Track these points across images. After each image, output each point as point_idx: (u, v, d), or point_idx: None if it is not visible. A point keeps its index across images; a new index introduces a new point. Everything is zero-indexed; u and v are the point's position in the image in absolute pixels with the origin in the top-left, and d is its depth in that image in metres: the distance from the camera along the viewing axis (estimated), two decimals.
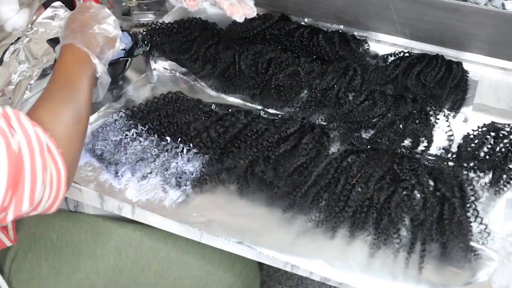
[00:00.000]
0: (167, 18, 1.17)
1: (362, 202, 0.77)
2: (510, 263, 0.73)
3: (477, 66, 1.10)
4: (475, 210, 0.77)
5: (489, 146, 0.88)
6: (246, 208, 0.79)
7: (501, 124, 0.92)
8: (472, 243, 0.73)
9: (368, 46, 1.13)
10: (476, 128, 0.91)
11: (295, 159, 0.83)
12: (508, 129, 0.91)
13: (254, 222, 0.77)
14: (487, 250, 0.73)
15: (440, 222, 0.75)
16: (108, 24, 0.85)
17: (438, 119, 0.95)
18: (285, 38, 1.11)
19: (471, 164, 0.85)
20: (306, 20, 1.20)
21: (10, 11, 1.10)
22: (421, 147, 0.89)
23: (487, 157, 0.87)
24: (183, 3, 0.87)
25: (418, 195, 0.79)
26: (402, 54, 1.10)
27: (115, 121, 0.90)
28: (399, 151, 0.87)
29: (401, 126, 0.92)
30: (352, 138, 0.89)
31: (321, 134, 0.89)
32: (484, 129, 0.91)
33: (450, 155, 0.87)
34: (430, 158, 0.86)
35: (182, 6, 0.89)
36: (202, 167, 0.83)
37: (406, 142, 0.90)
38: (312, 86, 1.00)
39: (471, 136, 0.90)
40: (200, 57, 1.07)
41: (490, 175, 0.84)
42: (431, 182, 0.81)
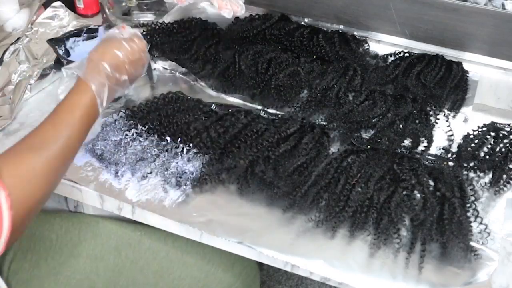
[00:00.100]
0: (167, 18, 1.17)
1: (362, 202, 0.77)
2: (510, 263, 0.73)
3: (477, 66, 1.10)
4: (475, 210, 0.77)
5: (489, 146, 0.88)
6: (246, 208, 0.79)
7: (501, 124, 0.92)
8: (472, 243, 0.73)
9: (368, 46, 1.13)
10: (476, 128, 0.91)
11: (295, 159, 0.83)
12: (508, 129, 0.91)
13: (254, 222, 0.77)
14: (487, 250, 0.73)
15: (440, 222, 0.75)
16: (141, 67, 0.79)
17: (438, 119, 0.95)
18: (285, 38, 1.11)
19: (471, 164, 0.85)
20: (306, 20, 1.20)
21: (10, 11, 1.10)
22: (421, 147, 0.89)
23: (487, 157, 0.87)
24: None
25: (418, 195, 0.79)
26: (402, 54, 1.10)
27: (115, 121, 0.90)
28: (399, 151, 0.87)
29: (401, 126, 0.92)
30: (352, 138, 0.89)
31: (321, 134, 0.89)
32: (484, 129, 0.91)
33: (450, 155, 0.87)
34: (430, 158, 0.86)
35: (173, 2, 0.87)
36: (202, 167, 0.83)
37: (406, 142, 0.90)
38: (312, 86, 1.00)
39: (471, 136, 0.90)
40: (200, 57, 1.07)
41: (490, 175, 0.84)
42: (431, 182, 0.81)
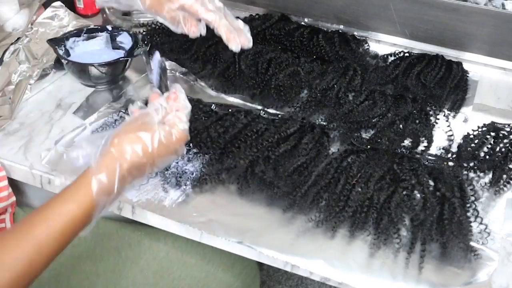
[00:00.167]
0: None
1: (362, 202, 0.77)
2: (510, 263, 0.73)
3: (477, 66, 1.10)
4: (475, 210, 0.77)
5: (489, 146, 0.88)
6: (246, 208, 0.79)
7: (501, 124, 0.92)
8: (472, 243, 0.73)
9: (368, 46, 1.13)
10: (476, 128, 0.91)
11: (295, 159, 0.83)
12: (508, 129, 0.91)
13: (254, 222, 0.77)
14: (487, 250, 0.73)
15: (440, 222, 0.75)
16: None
17: (438, 119, 0.95)
18: (285, 38, 1.11)
19: (471, 164, 0.85)
20: (306, 20, 1.20)
21: (10, 11, 1.09)
22: (421, 147, 0.89)
23: (487, 157, 0.87)
24: (184, 29, 0.86)
25: (418, 195, 0.79)
26: (402, 54, 1.10)
27: (115, 121, 0.90)
28: (399, 151, 0.87)
29: (401, 126, 0.92)
30: (352, 138, 0.89)
31: (321, 134, 0.89)
32: (484, 129, 0.91)
33: (450, 155, 0.87)
34: (430, 158, 0.86)
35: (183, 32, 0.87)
36: (202, 167, 0.83)
37: (406, 142, 0.90)
38: (312, 86, 1.00)
39: (471, 136, 0.90)
40: (200, 57, 1.07)
41: (490, 175, 0.84)
42: (431, 182, 0.81)
